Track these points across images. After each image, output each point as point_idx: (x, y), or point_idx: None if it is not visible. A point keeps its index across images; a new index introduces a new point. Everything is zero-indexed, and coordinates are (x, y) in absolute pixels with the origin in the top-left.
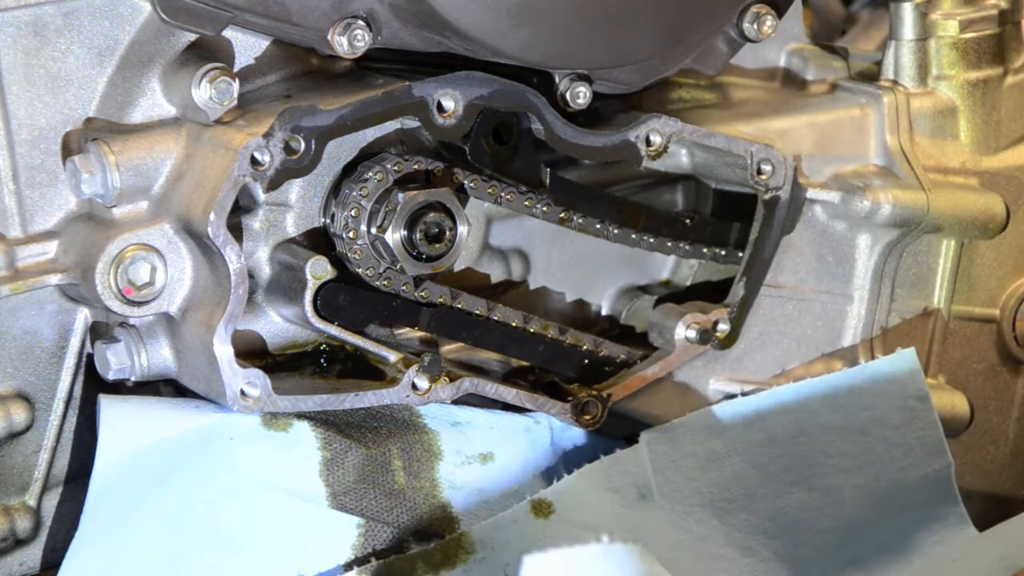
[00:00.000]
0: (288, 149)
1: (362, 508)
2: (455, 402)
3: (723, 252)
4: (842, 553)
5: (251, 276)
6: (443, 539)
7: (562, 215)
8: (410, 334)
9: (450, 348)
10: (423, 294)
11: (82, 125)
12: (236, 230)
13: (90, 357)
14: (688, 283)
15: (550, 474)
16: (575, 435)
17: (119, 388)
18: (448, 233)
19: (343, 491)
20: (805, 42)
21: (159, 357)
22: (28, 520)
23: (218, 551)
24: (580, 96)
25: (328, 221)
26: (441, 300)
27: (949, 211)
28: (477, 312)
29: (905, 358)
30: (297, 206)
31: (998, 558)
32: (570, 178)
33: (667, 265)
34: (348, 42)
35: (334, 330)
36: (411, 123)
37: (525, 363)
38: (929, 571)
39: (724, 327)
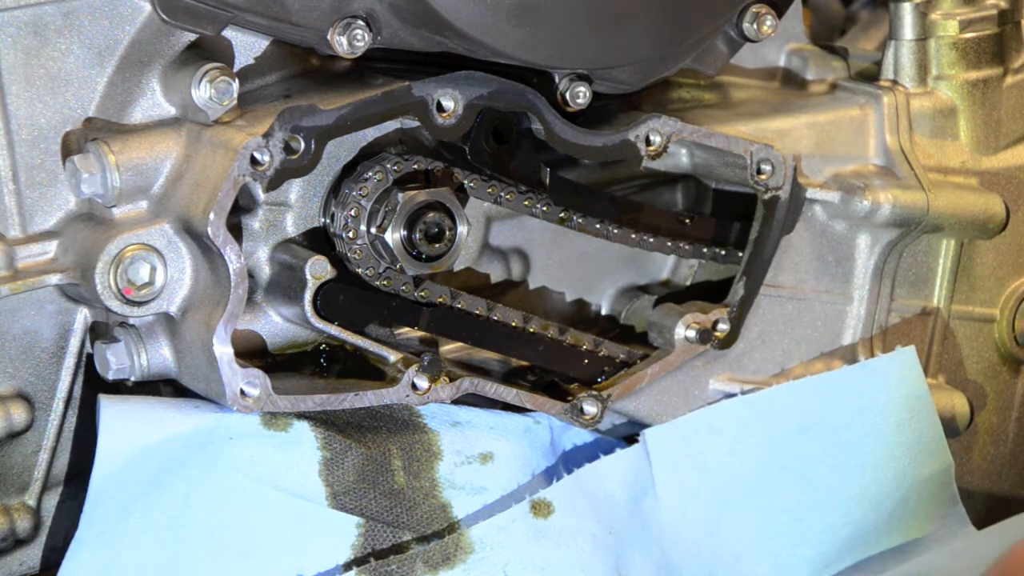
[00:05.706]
0: (288, 149)
1: (362, 508)
2: (455, 402)
3: (723, 252)
4: (842, 553)
5: (251, 276)
6: (443, 539)
7: (562, 215)
8: (410, 334)
9: (450, 348)
10: (423, 294)
11: (82, 125)
12: (236, 230)
13: (90, 357)
14: (688, 283)
15: (550, 474)
16: (575, 435)
17: (119, 388)
18: (448, 233)
19: (343, 491)
20: (805, 42)
21: (159, 357)
22: (28, 520)
23: (218, 551)
24: (580, 96)
25: (328, 221)
26: (441, 300)
27: (949, 211)
28: (477, 312)
29: (905, 356)
30: (297, 206)
31: (998, 556)
32: (570, 178)
33: (667, 265)
34: (348, 42)
35: (334, 330)
36: (411, 123)
37: (525, 363)
38: (929, 571)
39: (724, 327)
